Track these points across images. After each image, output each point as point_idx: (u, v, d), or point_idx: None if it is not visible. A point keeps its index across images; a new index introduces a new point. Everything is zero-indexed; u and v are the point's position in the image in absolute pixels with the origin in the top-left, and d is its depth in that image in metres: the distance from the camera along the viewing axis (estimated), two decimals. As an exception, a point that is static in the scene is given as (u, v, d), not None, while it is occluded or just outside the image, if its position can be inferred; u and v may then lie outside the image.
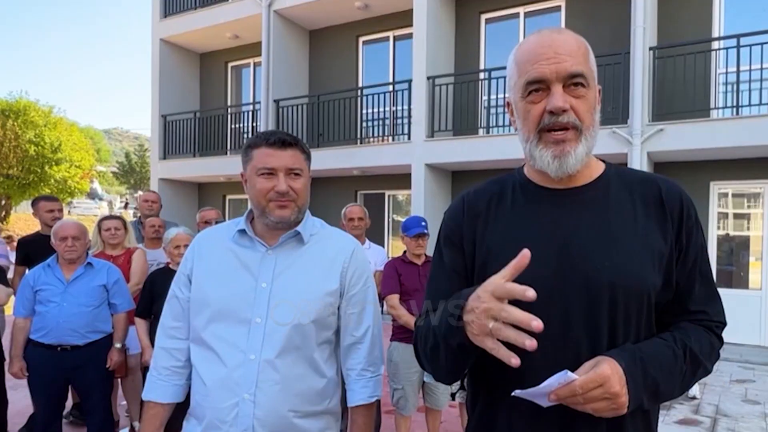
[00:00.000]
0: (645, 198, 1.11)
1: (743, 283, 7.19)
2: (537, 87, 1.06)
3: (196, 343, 1.53)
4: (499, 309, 0.89)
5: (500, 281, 0.90)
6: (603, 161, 1.20)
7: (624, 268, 1.04)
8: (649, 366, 0.99)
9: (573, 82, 1.05)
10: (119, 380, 3.85)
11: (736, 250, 7.30)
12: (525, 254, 0.91)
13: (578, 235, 1.08)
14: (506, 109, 1.22)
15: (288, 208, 1.49)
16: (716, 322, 1.13)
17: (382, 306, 3.92)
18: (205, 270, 1.54)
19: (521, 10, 8.58)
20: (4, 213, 19.68)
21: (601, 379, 0.92)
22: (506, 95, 1.20)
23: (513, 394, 0.99)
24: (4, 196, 19.17)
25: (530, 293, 0.85)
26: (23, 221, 19.06)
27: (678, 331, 1.08)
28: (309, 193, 1.58)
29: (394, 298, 3.56)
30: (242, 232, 1.55)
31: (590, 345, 1.03)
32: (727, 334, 1.17)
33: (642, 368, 0.98)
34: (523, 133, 1.11)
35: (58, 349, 3.04)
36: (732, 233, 7.36)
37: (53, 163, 18.85)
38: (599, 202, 1.12)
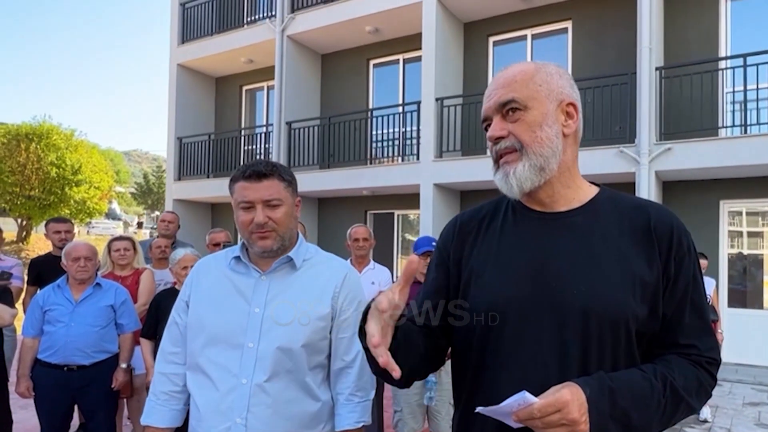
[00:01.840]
0: (633, 225, 1.10)
1: (757, 303, 7.04)
2: (486, 124, 1.18)
3: (192, 368, 1.56)
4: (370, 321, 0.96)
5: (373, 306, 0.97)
6: (598, 185, 1.20)
7: (599, 294, 1.04)
8: (618, 396, 0.97)
9: (507, 109, 1.13)
10: (124, 400, 3.86)
11: (749, 269, 7.19)
12: (414, 261, 0.98)
13: (557, 259, 1.09)
14: None
15: (269, 239, 1.52)
16: (707, 357, 1.08)
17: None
18: (202, 296, 1.59)
19: (528, 32, 8.68)
20: (24, 233, 20.14)
21: (560, 404, 0.91)
22: None
23: (476, 410, 1.01)
24: (25, 217, 19.63)
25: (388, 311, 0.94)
26: (43, 241, 19.45)
27: (661, 364, 1.05)
28: (295, 218, 1.60)
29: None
30: (238, 258, 1.58)
31: (559, 370, 1.03)
32: (739, 355, 1.11)
33: (610, 398, 0.96)
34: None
35: (65, 368, 3.08)
36: (746, 252, 7.25)
37: (73, 184, 19.31)
38: (583, 226, 1.12)
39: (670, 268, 1.07)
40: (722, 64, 7.02)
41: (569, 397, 0.92)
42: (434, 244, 3.62)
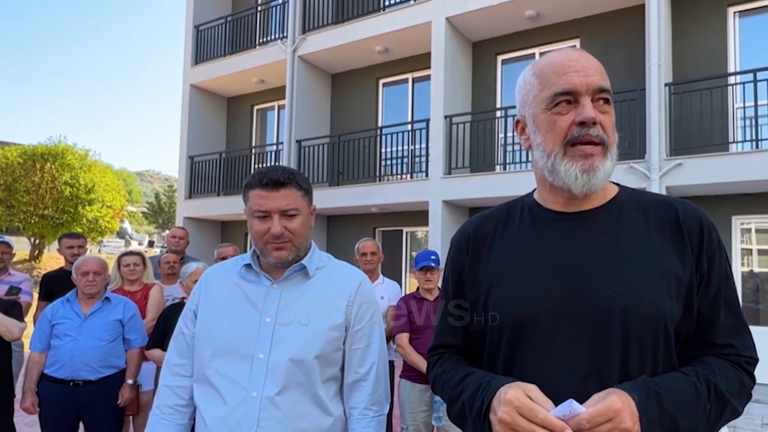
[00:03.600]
0: (661, 220, 1.05)
1: (772, 321, 6.91)
2: (566, 99, 1.03)
3: (199, 381, 1.51)
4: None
5: (529, 404, 0.89)
6: (617, 184, 1.15)
7: (637, 293, 0.98)
8: (666, 401, 0.90)
9: (601, 97, 1.03)
10: (130, 418, 3.82)
11: (762, 286, 7.06)
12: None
13: (587, 259, 1.03)
14: (515, 128, 1.17)
15: (285, 249, 1.47)
16: (746, 357, 1.02)
17: (390, 343, 3.89)
18: (211, 305, 1.53)
19: (537, 51, 8.73)
20: (37, 252, 20.32)
21: (611, 412, 0.84)
22: (519, 112, 1.14)
23: None
24: (38, 236, 19.83)
25: None
26: (55, 260, 19.61)
27: (701, 366, 0.99)
28: (310, 228, 1.55)
29: (403, 338, 3.53)
30: (249, 266, 1.54)
31: (599, 377, 0.96)
32: (756, 374, 1.04)
33: (658, 403, 0.90)
34: (545, 147, 1.06)
35: (71, 384, 3.05)
36: (757, 270, 7.14)
37: (86, 203, 19.50)
38: (611, 224, 1.06)
39: (703, 265, 1.02)
40: (732, 79, 7.01)
41: (620, 405, 0.85)
42: (433, 258, 3.62)
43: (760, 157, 6.16)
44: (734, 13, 7.34)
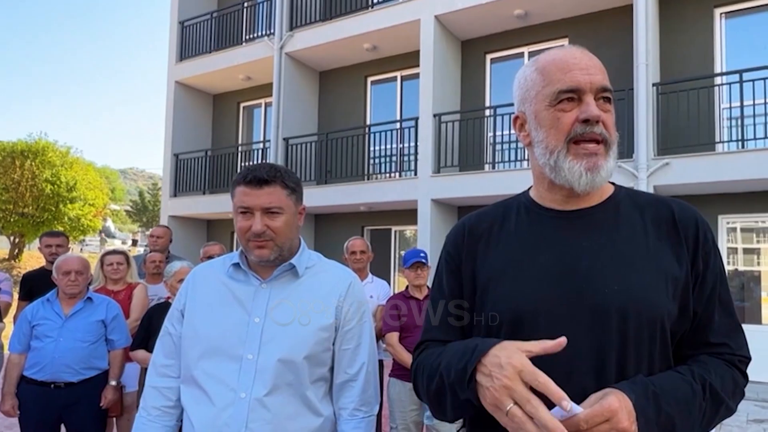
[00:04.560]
0: (657, 220, 1.06)
1: (756, 319, 7.01)
2: (570, 96, 1.03)
3: (186, 382, 1.49)
4: (524, 399, 0.85)
5: (531, 368, 0.87)
6: (612, 183, 1.15)
7: (635, 291, 0.98)
8: (663, 401, 0.91)
9: (603, 96, 1.05)
10: (113, 420, 3.72)
11: (747, 285, 7.17)
12: (561, 342, 0.89)
13: (585, 257, 1.03)
14: (513, 125, 1.16)
15: (266, 248, 1.45)
16: (739, 356, 1.04)
17: (379, 342, 3.85)
18: (198, 305, 1.52)
19: (525, 50, 8.75)
20: (17, 251, 19.95)
21: (609, 413, 0.84)
22: (518, 108, 1.14)
23: None
24: (18, 235, 19.47)
25: (566, 404, 0.82)
26: (35, 259, 19.27)
27: (697, 365, 1.00)
28: (297, 227, 1.54)
29: (393, 337, 3.51)
30: (237, 265, 1.52)
31: (597, 376, 0.96)
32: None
33: (655, 403, 0.90)
34: (548, 144, 1.05)
35: (52, 386, 2.98)
36: (741, 268, 7.25)
37: (68, 201, 19.20)
38: (608, 223, 1.06)
39: (699, 264, 1.03)
40: (718, 80, 7.09)
41: (617, 405, 0.85)
42: (422, 255, 3.59)
43: (745, 157, 6.24)
44: (720, 14, 7.42)
